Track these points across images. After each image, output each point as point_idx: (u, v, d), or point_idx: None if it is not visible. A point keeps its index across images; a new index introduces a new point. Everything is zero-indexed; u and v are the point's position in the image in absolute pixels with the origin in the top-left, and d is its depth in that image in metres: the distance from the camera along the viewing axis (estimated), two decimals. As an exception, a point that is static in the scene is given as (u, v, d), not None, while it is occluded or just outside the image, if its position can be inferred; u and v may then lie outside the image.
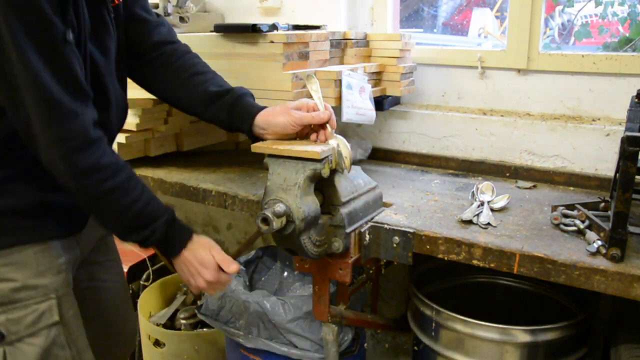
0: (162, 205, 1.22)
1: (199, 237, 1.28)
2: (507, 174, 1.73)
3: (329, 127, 1.24)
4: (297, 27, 1.64)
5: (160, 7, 1.91)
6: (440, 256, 1.24)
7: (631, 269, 1.05)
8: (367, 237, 1.29)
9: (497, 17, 2.86)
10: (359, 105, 1.55)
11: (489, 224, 1.28)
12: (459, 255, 1.21)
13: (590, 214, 1.24)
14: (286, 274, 2.04)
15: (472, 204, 1.40)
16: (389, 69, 1.76)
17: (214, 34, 1.59)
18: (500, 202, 1.41)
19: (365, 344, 1.77)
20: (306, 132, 1.26)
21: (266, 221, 1.11)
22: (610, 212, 1.23)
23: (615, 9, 2.32)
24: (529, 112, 1.80)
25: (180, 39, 1.44)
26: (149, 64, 1.38)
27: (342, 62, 1.75)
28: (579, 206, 1.29)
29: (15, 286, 1.14)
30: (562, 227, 1.26)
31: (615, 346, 1.37)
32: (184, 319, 2.17)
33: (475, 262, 1.20)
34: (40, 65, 0.99)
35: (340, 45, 1.72)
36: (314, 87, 1.28)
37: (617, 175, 1.13)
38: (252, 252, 2.00)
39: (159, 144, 1.81)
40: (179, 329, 2.17)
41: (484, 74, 1.86)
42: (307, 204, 1.14)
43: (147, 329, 2.11)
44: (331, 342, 1.45)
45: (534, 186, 1.63)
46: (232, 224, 2.61)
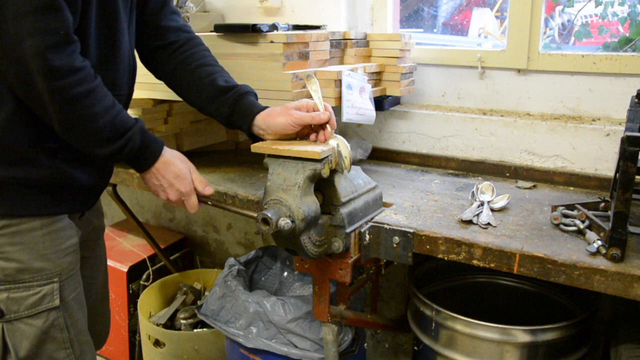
0: (130, 116, 1.18)
1: (171, 150, 1.25)
2: (507, 174, 1.73)
3: (329, 128, 1.24)
4: (297, 27, 1.64)
5: (160, 7, 1.91)
6: (440, 256, 1.24)
7: (631, 269, 1.05)
8: (367, 237, 1.29)
9: (497, 17, 2.86)
10: (359, 105, 1.55)
11: (489, 224, 1.28)
12: (459, 255, 1.21)
13: (590, 214, 1.24)
14: (286, 274, 2.04)
15: (472, 204, 1.40)
16: (389, 69, 1.76)
17: (214, 34, 1.59)
18: (500, 202, 1.41)
19: (365, 344, 1.77)
20: (306, 133, 1.26)
21: (266, 221, 1.11)
22: (610, 212, 1.23)
23: (615, 9, 2.32)
24: (529, 112, 1.80)
25: None
26: (164, 47, 1.38)
27: (342, 62, 1.75)
28: (579, 206, 1.29)
29: (20, 267, 1.14)
30: (562, 227, 1.26)
31: (615, 346, 1.37)
32: (184, 319, 2.17)
33: (475, 262, 1.20)
34: None
35: (340, 45, 1.72)
36: (314, 87, 1.28)
37: (617, 175, 1.13)
38: (252, 252, 2.00)
39: (159, 144, 1.81)
40: (179, 329, 2.17)
41: (484, 74, 1.86)
42: (307, 204, 1.14)
43: (147, 329, 2.11)
44: (331, 342, 1.45)
45: (534, 186, 1.63)
46: (232, 224, 2.61)
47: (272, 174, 1.18)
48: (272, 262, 2.06)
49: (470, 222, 1.30)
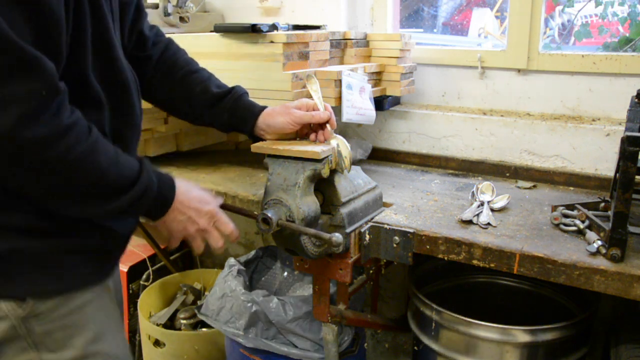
0: (130, 157, 0.98)
1: (180, 179, 1.09)
2: (507, 174, 1.73)
3: (329, 127, 1.24)
4: (297, 27, 1.64)
5: (160, 7, 1.91)
6: (440, 256, 1.24)
7: (631, 269, 1.05)
8: (367, 237, 1.29)
9: (497, 17, 2.86)
10: (359, 105, 1.55)
11: (489, 224, 1.28)
12: (459, 255, 1.21)
13: (590, 214, 1.24)
14: (286, 274, 2.04)
15: (472, 204, 1.40)
16: (389, 69, 1.76)
17: (214, 34, 1.59)
18: (500, 202, 1.41)
19: (365, 344, 1.77)
20: (305, 132, 1.26)
21: (266, 221, 1.11)
22: (610, 212, 1.23)
23: (615, 9, 2.32)
24: (529, 112, 1.80)
25: (179, 39, 1.39)
26: (148, 58, 1.24)
27: (342, 62, 1.75)
28: (579, 206, 1.29)
29: (74, 355, 0.97)
30: (562, 227, 1.26)
31: (615, 346, 1.37)
32: (184, 319, 2.17)
33: (475, 262, 1.20)
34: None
35: (340, 45, 1.72)
36: (314, 87, 1.28)
37: (617, 175, 1.13)
38: (252, 252, 2.00)
39: (159, 144, 1.81)
40: (179, 329, 2.17)
41: (484, 74, 1.86)
42: (307, 204, 1.14)
43: (147, 329, 2.11)
44: (331, 342, 1.45)
45: (534, 186, 1.63)
46: (232, 224, 2.60)
47: (272, 174, 1.18)
48: (272, 262, 2.06)
49: (470, 222, 1.30)
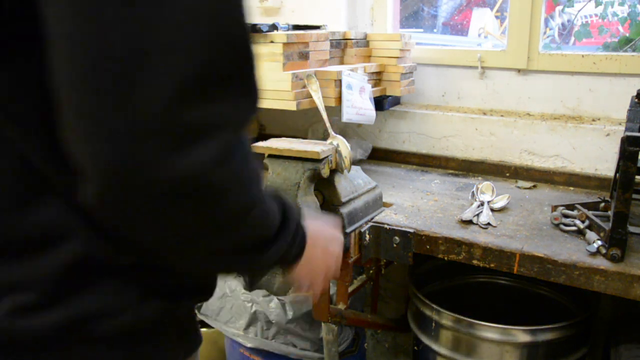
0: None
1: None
2: (507, 174, 1.73)
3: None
4: (297, 27, 1.64)
5: (160, 7, 1.91)
6: (440, 256, 1.24)
7: (631, 269, 1.05)
8: (367, 237, 1.29)
9: (497, 17, 2.86)
10: (359, 105, 1.55)
11: (489, 224, 1.28)
12: (459, 255, 1.21)
13: (590, 214, 1.24)
14: (286, 274, 2.04)
15: (472, 204, 1.40)
16: (389, 69, 1.76)
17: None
18: (500, 202, 1.41)
19: (365, 344, 1.77)
20: None
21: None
22: (610, 212, 1.23)
23: (615, 9, 2.32)
24: (529, 112, 1.80)
25: None
26: None
27: (342, 62, 1.75)
28: (579, 206, 1.29)
29: None
30: (562, 227, 1.26)
31: (615, 346, 1.37)
32: (184, 319, 2.17)
33: (475, 262, 1.20)
34: None
35: (340, 45, 1.72)
36: (314, 87, 1.28)
37: (617, 175, 1.13)
38: (252, 252, 2.00)
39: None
40: (179, 329, 2.16)
41: (484, 74, 1.86)
42: (307, 204, 1.14)
43: (147, 329, 2.11)
44: (331, 342, 1.45)
45: (534, 186, 1.63)
46: (232, 224, 2.60)
47: (272, 173, 1.18)
48: (272, 262, 2.05)
49: (470, 222, 1.30)
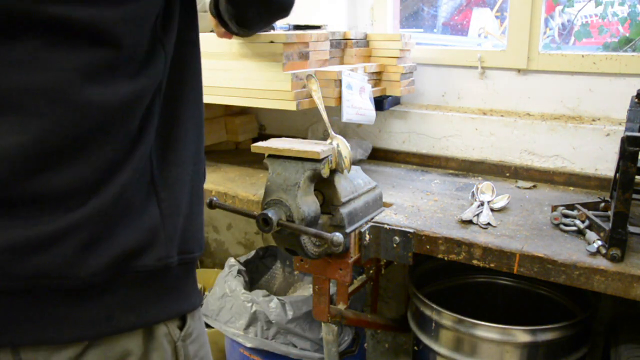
0: None
1: None
2: (507, 174, 1.73)
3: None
4: (297, 27, 1.64)
5: (160, 7, 1.91)
6: (440, 256, 1.24)
7: (631, 269, 1.05)
8: (367, 237, 1.29)
9: (497, 17, 2.86)
10: (359, 105, 1.55)
11: (489, 224, 1.28)
12: (459, 255, 1.21)
13: (590, 214, 1.24)
14: (286, 274, 2.04)
15: (472, 204, 1.40)
16: (389, 69, 1.76)
17: (214, 33, 1.59)
18: (500, 202, 1.41)
19: (365, 344, 1.77)
20: None
21: (266, 221, 1.11)
22: (610, 212, 1.23)
23: (615, 9, 2.32)
24: (529, 112, 1.80)
25: None
26: None
27: (342, 62, 1.75)
28: (579, 206, 1.29)
29: None
30: (562, 227, 1.26)
31: (615, 346, 1.37)
32: (184, 319, 2.17)
33: (475, 262, 1.20)
34: None
35: (340, 45, 1.72)
36: (314, 87, 1.28)
37: (617, 175, 1.13)
38: (252, 252, 2.00)
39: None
40: (179, 329, 2.16)
41: (484, 74, 1.86)
42: (307, 204, 1.14)
43: (147, 329, 2.11)
44: (331, 342, 1.45)
45: (534, 186, 1.63)
46: (232, 224, 2.61)
47: (272, 174, 1.18)
48: (272, 262, 2.06)
49: (470, 222, 1.30)
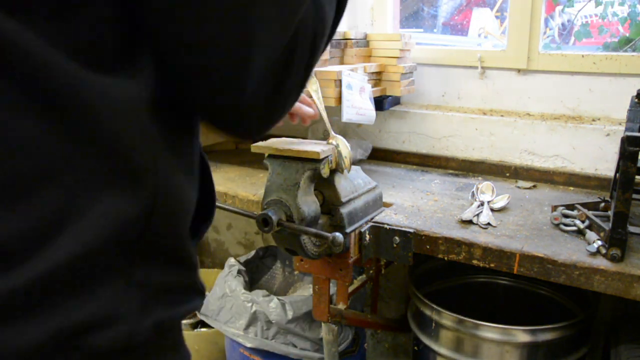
0: None
1: None
2: (507, 174, 1.73)
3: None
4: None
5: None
6: (440, 256, 1.24)
7: (631, 269, 1.05)
8: (367, 237, 1.29)
9: (497, 17, 2.86)
10: (359, 105, 1.55)
11: (489, 224, 1.28)
12: (459, 255, 1.21)
13: (590, 214, 1.24)
14: (286, 274, 2.04)
15: (472, 204, 1.40)
16: (389, 69, 1.76)
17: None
18: (500, 202, 1.41)
19: (365, 344, 1.77)
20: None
21: (266, 221, 1.11)
22: (610, 212, 1.23)
23: (615, 9, 2.32)
24: (529, 112, 1.80)
25: None
26: None
27: (342, 62, 1.75)
28: (579, 206, 1.29)
29: None
30: (562, 227, 1.26)
31: (615, 346, 1.37)
32: (184, 319, 2.17)
33: (475, 262, 1.20)
34: None
35: (340, 45, 1.72)
36: (314, 87, 1.28)
37: (617, 175, 1.13)
38: (252, 252, 2.00)
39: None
40: (179, 329, 2.16)
41: (484, 74, 1.86)
42: (307, 204, 1.14)
43: (147, 329, 2.11)
44: (331, 342, 1.45)
45: (534, 186, 1.63)
46: (232, 224, 2.61)
47: (272, 174, 1.18)
48: (272, 262, 2.06)
49: (470, 222, 1.30)
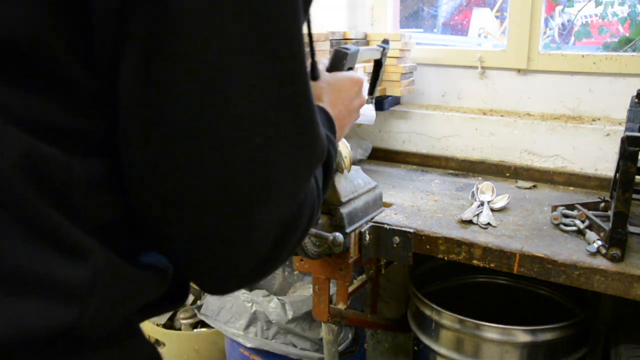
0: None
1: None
2: (507, 174, 1.73)
3: None
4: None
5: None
6: (440, 256, 1.24)
7: (631, 269, 1.05)
8: (367, 237, 1.29)
9: (497, 17, 2.86)
10: (359, 105, 1.55)
11: (489, 224, 1.28)
12: (459, 255, 1.21)
13: (590, 214, 1.24)
14: (286, 274, 2.04)
15: (472, 204, 1.40)
16: (389, 69, 1.76)
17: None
18: (500, 202, 1.41)
19: (365, 344, 1.77)
20: None
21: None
22: (610, 212, 1.22)
23: (615, 9, 2.33)
24: (529, 112, 1.80)
25: None
26: None
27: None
28: (579, 206, 1.29)
29: None
30: (562, 227, 1.26)
31: (615, 346, 1.37)
32: (184, 319, 2.17)
33: (475, 262, 1.20)
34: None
35: (340, 45, 1.72)
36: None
37: (617, 175, 1.13)
38: (252, 252, 2.00)
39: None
40: (179, 329, 2.17)
41: (484, 74, 1.86)
42: (307, 204, 1.14)
43: (147, 329, 2.11)
44: (331, 342, 1.45)
45: (534, 186, 1.63)
46: (232, 224, 2.60)
47: (272, 174, 1.18)
48: (272, 262, 2.06)
49: (470, 222, 1.30)
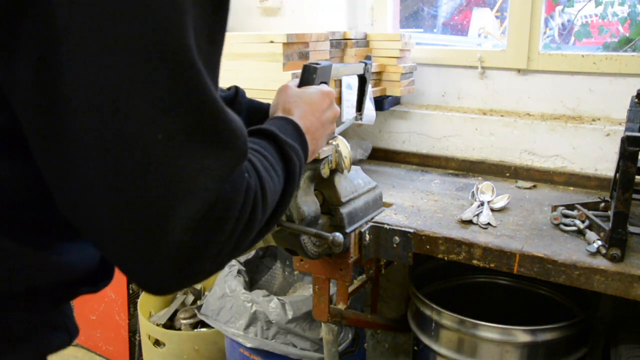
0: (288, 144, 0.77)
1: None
2: (507, 174, 1.73)
3: None
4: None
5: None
6: (440, 256, 1.24)
7: (631, 269, 1.05)
8: (367, 237, 1.29)
9: (497, 17, 2.86)
10: (359, 105, 1.55)
11: (489, 224, 1.28)
12: (459, 255, 1.21)
13: (590, 214, 1.24)
14: (286, 274, 2.04)
15: (472, 204, 1.40)
16: (389, 69, 1.76)
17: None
18: (500, 202, 1.41)
19: (365, 344, 1.77)
20: None
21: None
22: (610, 212, 1.23)
23: (615, 9, 2.32)
24: (529, 112, 1.80)
25: None
26: None
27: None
28: (579, 206, 1.29)
29: None
30: (562, 227, 1.26)
31: (615, 346, 1.37)
32: (184, 319, 2.17)
33: (475, 262, 1.20)
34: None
35: (340, 45, 1.72)
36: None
37: (617, 175, 1.13)
38: (252, 252, 2.00)
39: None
40: (179, 329, 2.17)
41: (484, 74, 1.86)
42: (307, 204, 1.14)
43: (147, 328, 2.11)
44: (331, 342, 1.45)
45: (534, 186, 1.63)
46: (232, 224, 2.60)
47: (272, 174, 1.18)
48: (272, 262, 2.06)
49: (470, 222, 1.30)
